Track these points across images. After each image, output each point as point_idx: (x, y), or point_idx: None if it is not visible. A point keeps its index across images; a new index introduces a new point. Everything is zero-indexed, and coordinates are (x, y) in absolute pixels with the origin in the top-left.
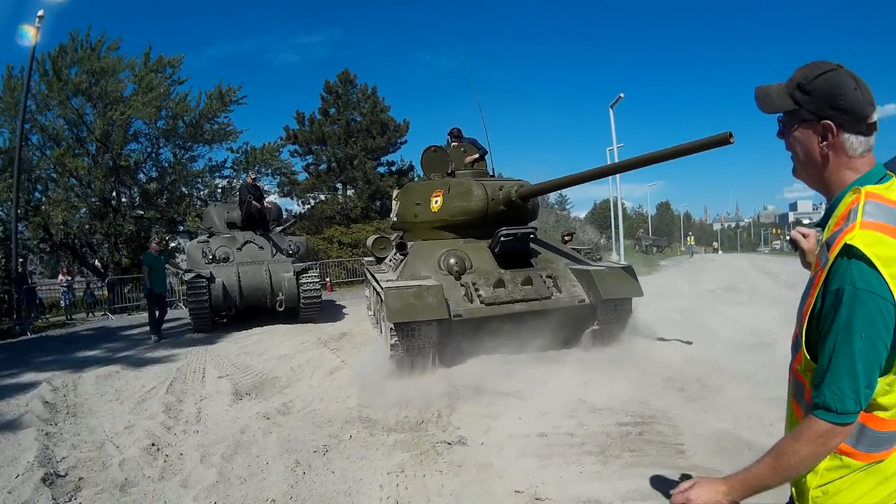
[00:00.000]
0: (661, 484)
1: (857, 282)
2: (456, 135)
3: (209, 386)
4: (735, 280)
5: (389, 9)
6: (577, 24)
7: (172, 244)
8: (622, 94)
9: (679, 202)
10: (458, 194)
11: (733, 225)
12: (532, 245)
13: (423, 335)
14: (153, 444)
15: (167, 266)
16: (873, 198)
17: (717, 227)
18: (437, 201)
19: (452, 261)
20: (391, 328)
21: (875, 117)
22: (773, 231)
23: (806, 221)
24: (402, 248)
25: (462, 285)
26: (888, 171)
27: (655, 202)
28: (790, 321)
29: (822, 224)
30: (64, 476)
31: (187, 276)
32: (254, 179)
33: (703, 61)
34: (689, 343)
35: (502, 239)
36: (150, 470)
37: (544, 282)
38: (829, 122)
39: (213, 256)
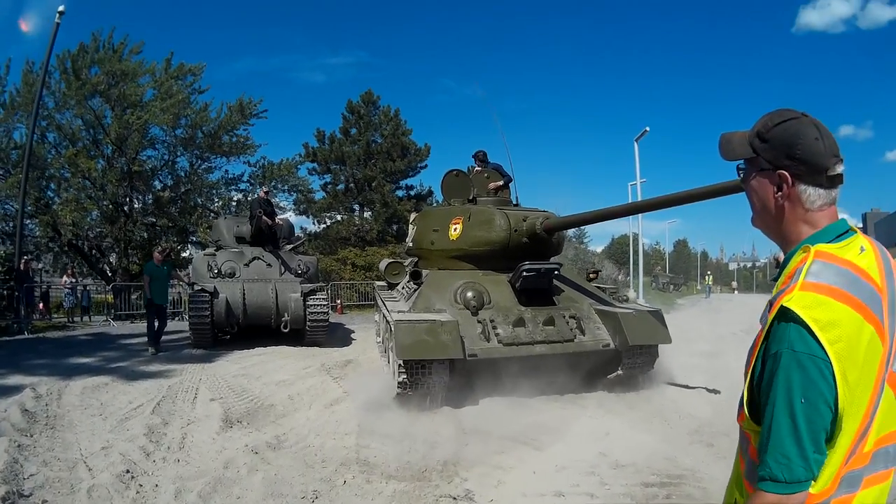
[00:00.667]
0: None
1: (795, 344)
2: (482, 158)
3: (199, 409)
4: (753, 321)
5: (416, 34)
6: (601, 56)
7: (184, 254)
8: (648, 128)
9: (695, 240)
10: (479, 223)
11: (749, 265)
12: (555, 282)
13: (434, 374)
14: (128, 471)
15: (171, 277)
16: (822, 257)
17: (732, 266)
18: (456, 229)
19: (470, 294)
20: (399, 364)
21: (839, 169)
22: None
23: None
24: (416, 276)
25: (479, 322)
26: (851, 227)
27: (672, 239)
28: None
29: (775, 279)
30: (28, 496)
31: (190, 290)
32: (266, 193)
33: (730, 96)
34: (717, 392)
35: (525, 274)
36: (119, 500)
37: (567, 323)
38: (784, 172)
39: (219, 271)
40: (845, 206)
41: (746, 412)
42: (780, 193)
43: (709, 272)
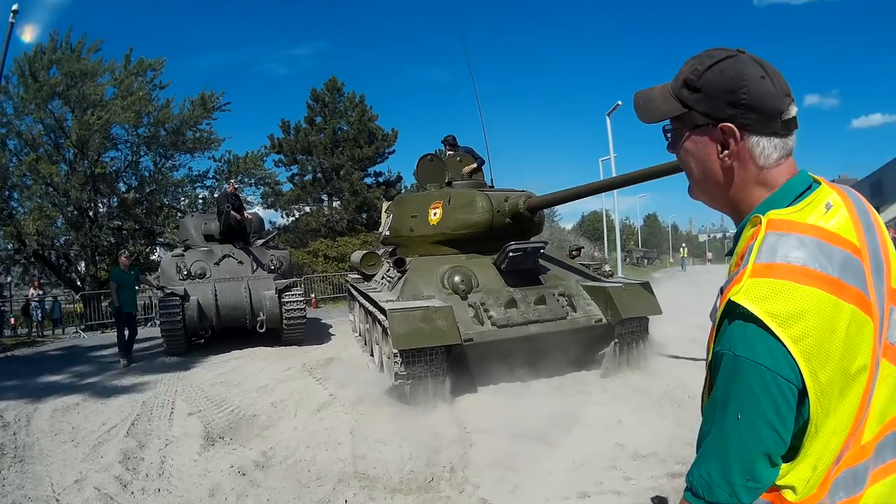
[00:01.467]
0: None
1: (737, 348)
2: (451, 143)
3: (177, 426)
4: None
5: (378, 22)
6: (568, 34)
7: (153, 257)
8: (620, 102)
9: (665, 214)
10: (460, 206)
11: (720, 236)
12: (540, 262)
13: (432, 362)
14: None
15: (139, 282)
16: (777, 227)
17: (703, 238)
18: (436, 213)
19: (458, 278)
20: (395, 355)
21: (794, 111)
22: None
23: None
24: (400, 264)
25: (470, 306)
26: (815, 178)
27: (642, 214)
28: None
29: (729, 254)
30: None
31: (160, 294)
32: (235, 189)
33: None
34: None
35: (511, 254)
36: None
37: (558, 300)
38: (728, 124)
39: (189, 272)
40: (814, 173)
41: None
42: (725, 153)
43: (683, 244)
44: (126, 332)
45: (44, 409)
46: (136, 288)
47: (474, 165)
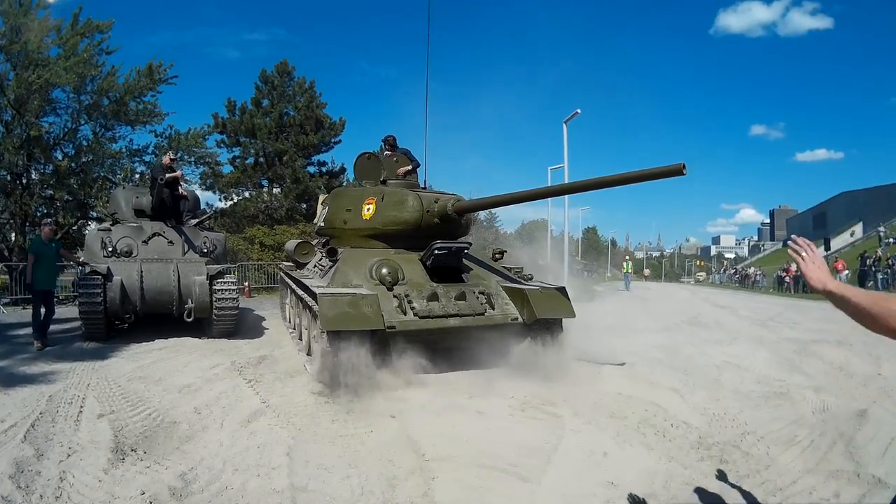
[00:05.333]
0: None
1: None
2: (391, 143)
3: (84, 431)
4: (689, 312)
5: (335, 15)
6: (526, 49)
7: (85, 231)
8: (579, 110)
9: (604, 228)
10: (392, 203)
11: (656, 254)
12: (464, 261)
13: (357, 346)
14: None
15: (60, 256)
16: None
17: (639, 255)
18: (369, 209)
19: (385, 270)
20: (323, 335)
21: None
22: (698, 263)
23: (730, 255)
24: (332, 253)
25: (395, 297)
26: None
27: (582, 227)
28: (786, 365)
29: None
30: None
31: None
32: (172, 160)
33: (646, 89)
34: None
35: (436, 252)
36: None
37: (477, 298)
38: None
39: (114, 249)
40: (754, 203)
41: None
42: None
43: (627, 258)
44: (42, 312)
45: None
46: (57, 262)
47: (409, 167)
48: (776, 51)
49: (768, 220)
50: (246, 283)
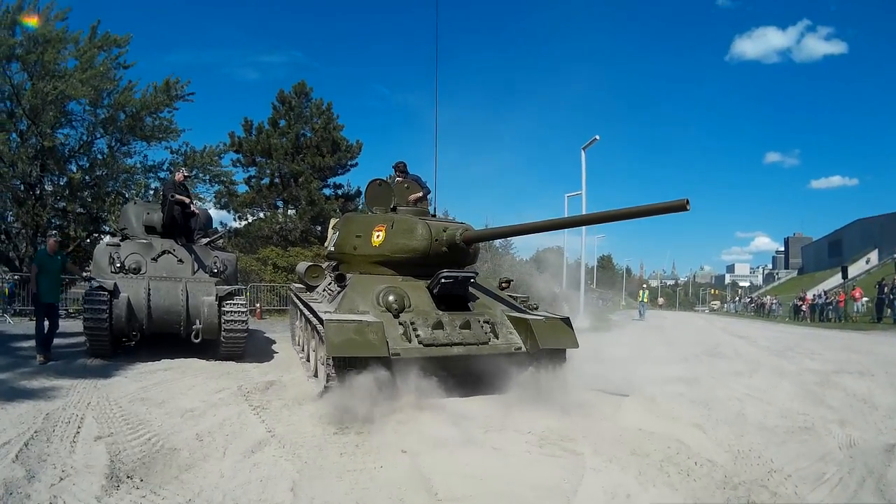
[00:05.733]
0: None
1: None
2: (402, 169)
3: (79, 453)
4: (707, 342)
5: (354, 38)
6: (542, 77)
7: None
8: (597, 136)
9: (618, 256)
10: (402, 231)
11: (671, 283)
12: (470, 289)
13: (361, 372)
14: None
15: (65, 270)
16: None
17: (653, 283)
18: (378, 236)
19: (391, 298)
20: (329, 361)
21: None
22: (712, 291)
23: (744, 284)
24: (341, 279)
25: (401, 324)
26: None
27: (598, 254)
28: (810, 398)
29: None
30: None
31: (88, 286)
32: (185, 177)
33: (663, 117)
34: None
35: (443, 281)
36: None
37: (482, 327)
38: None
39: (122, 265)
40: (768, 230)
41: None
42: None
43: (644, 286)
44: (46, 325)
45: None
46: (61, 276)
47: (420, 194)
48: (791, 77)
49: (783, 248)
50: (257, 305)
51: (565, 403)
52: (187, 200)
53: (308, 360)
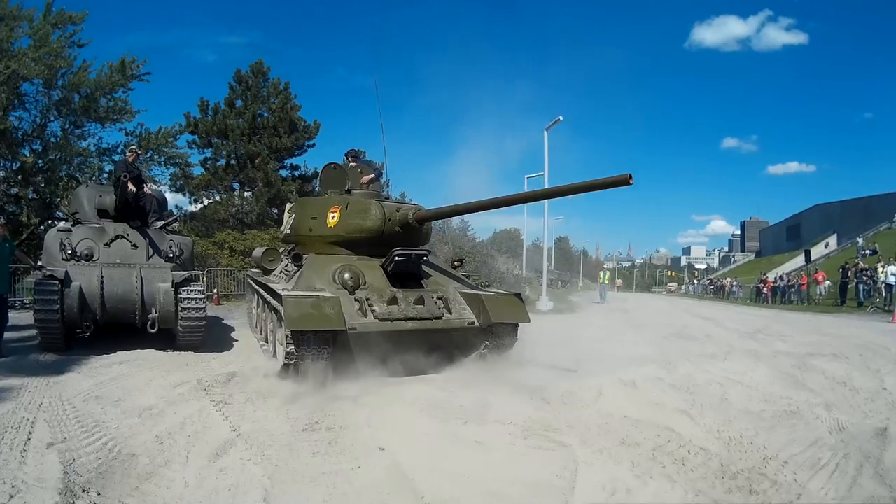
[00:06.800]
0: None
1: None
2: (354, 156)
3: (31, 464)
4: (674, 324)
5: (314, 20)
6: (503, 56)
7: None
8: (561, 117)
9: (575, 238)
10: (356, 212)
11: (627, 265)
12: (424, 268)
13: (319, 345)
14: None
15: (13, 258)
16: None
17: (609, 265)
18: (333, 217)
19: (347, 275)
20: (287, 336)
21: None
22: (669, 273)
23: (700, 266)
24: (297, 259)
25: (356, 300)
26: None
27: (554, 236)
28: (789, 381)
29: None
30: None
31: (38, 275)
32: (136, 157)
33: (619, 100)
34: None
35: (396, 259)
36: None
37: (435, 302)
38: None
39: (74, 251)
40: (725, 214)
41: None
42: None
43: (605, 268)
44: None
45: None
46: (9, 265)
47: (372, 175)
48: (750, 65)
49: (739, 232)
50: (215, 290)
51: (542, 390)
52: (135, 189)
53: (267, 342)
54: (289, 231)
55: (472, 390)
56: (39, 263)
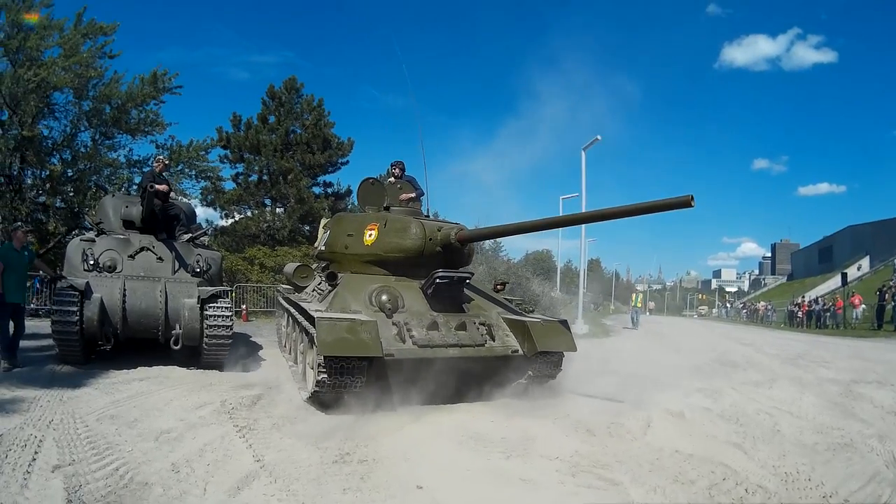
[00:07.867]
0: None
1: None
2: (401, 168)
3: (33, 488)
4: (713, 350)
5: (346, 40)
6: (533, 85)
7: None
8: (599, 137)
9: (607, 261)
10: (395, 230)
11: (657, 287)
12: (465, 291)
13: (354, 373)
14: None
15: (32, 267)
16: None
17: (640, 287)
18: (371, 235)
19: (385, 297)
20: (320, 363)
21: None
22: (700, 297)
23: (731, 289)
24: (332, 278)
25: (394, 324)
26: None
27: (586, 258)
28: (838, 410)
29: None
30: None
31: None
32: (164, 167)
33: (650, 125)
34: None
35: (437, 281)
36: None
37: (478, 328)
38: None
39: (96, 262)
40: (755, 236)
41: None
42: None
43: (639, 289)
44: (11, 328)
45: None
46: (27, 273)
47: (413, 195)
48: (780, 85)
49: (769, 254)
50: (243, 306)
51: (587, 421)
52: (163, 194)
53: (296, 363)
54: (323, 248)
55: (513, 421)
56: (61, 273)
